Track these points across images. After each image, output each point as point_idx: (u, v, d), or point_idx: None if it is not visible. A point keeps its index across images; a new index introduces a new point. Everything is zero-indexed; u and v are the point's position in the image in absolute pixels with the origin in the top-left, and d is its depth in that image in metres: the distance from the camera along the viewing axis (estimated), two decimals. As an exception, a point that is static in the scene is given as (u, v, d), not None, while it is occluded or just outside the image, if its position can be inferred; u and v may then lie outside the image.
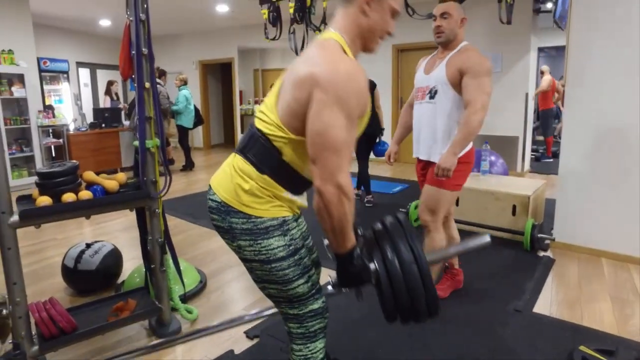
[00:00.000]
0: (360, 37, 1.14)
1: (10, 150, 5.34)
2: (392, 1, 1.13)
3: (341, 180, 0.98)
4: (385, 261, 1.13)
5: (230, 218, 1.13)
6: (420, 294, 1.11)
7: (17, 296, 1.65)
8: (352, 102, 1.00)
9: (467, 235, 3.38)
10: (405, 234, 1.17)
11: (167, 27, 8.30)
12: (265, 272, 1.15)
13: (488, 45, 5.85)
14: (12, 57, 5.31)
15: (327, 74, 1.00)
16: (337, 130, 0.99)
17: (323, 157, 0.99)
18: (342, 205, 0.99)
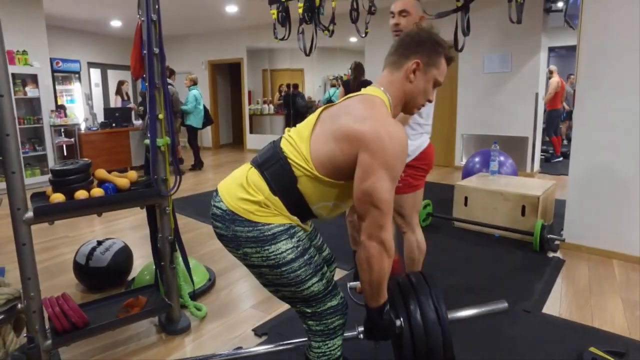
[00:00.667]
0: (403, 102, 1.23)
1: (23, 149, 5.43)
2: (436, 72, 1.21)
3: (384, 237, 1.06)
4: (410, 319, 1.19)
5: (234, 226, 1.14)
6: (439, 354, 1.16)
7: (32, 291, 1.68)
8: (398, 166, 1.07)
9: (477, 236, 3.37)
10: (430, 293, 1.23)
11: (176, 27, 8.37)
12: (277, 276, 1.16)
13: (497, 45, 5.82)
14: (26, 57, 5.40)
15: (376, 137, 1.06)
16: (384, 194, 1.06)
17: (370, 215, 1.06)
18: (383, 260, 1.06)
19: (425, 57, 1.19)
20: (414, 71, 1.19)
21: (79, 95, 8.06)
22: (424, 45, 1.20)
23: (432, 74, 1.21)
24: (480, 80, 6.02)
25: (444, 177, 5.77)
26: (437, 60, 1.21)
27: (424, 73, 1.20)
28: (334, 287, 1.23)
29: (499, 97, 5.90)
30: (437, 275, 2.64)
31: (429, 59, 1.20)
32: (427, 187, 5.18)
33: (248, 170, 1.19)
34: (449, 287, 2.52)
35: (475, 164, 4.20)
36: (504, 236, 3.31)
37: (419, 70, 1.19)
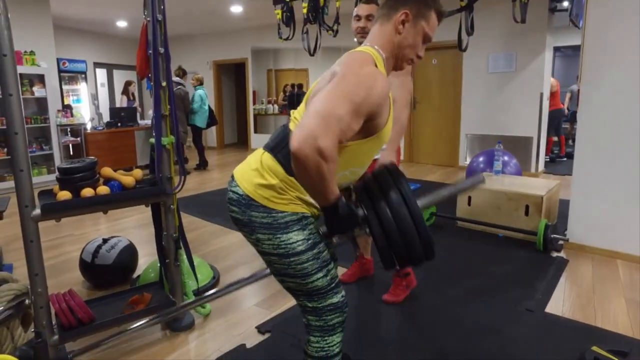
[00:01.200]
0: (394, 55, 1.22)
1: (30, 149, 5.49)
2: (425, 25, 1.19)
3: (322, 144, 0.93)
4: (375, 206, 1.13)
5: (250, 211, 1.16)
6: (413, 235, 1.11)
7: (39, 287, 1.71)
8: (361, 92, 1.03)
9: (480, 235, 3.37)
10: (393, 180, 1.17)
11: (182, 27, 8.42)
12: (284, 265, 1.17)
13: (502, 45, 5.80)
14: (33, 58, 5.46)
15: (349, 66, 1.08)
16: (336, 104, 0.98)
17: (310, 120, 0.95)
18: (320, 167, 0.95)
19: (415, 9, 1.18)
20: (403, 22, 1.18)
21: (85, 95, 8.13)
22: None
23: (421, 26, 1.19)
24: (485, 79, 6.01)
25: (448, 177, 5.76)
26: (427, 13, 1.19)
27: (413, 25, 1.18)
28: (337, 284, 1.24)
29: (503, 96, 5.88)
30: (440, 273, 2.67)
31: (418, 10, 1.19)
32: (431, 186, 5.23)
33: (262, 154, 1.20)
34: (451, 286, 2.53)
35: (480, 164, 4.20)
36: (507, 236, 3.31)
37: (407, 21, 1.18)
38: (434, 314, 2.22)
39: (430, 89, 6.68)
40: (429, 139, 6.83)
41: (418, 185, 5.26)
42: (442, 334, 2.03)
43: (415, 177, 5.89)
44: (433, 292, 2.46)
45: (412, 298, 2.36)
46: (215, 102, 9.15)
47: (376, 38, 1.22)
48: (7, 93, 1.56)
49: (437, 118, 6.69)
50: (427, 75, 6.66)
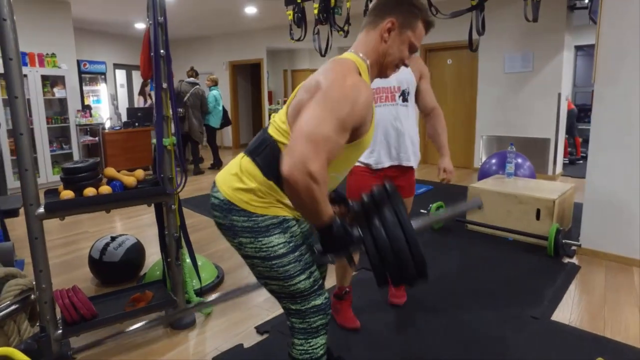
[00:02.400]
0: (378, 63, 1.22)
1: (51, 148, 5.67)
2: (411, 35, 1.20)
3: (313, 168, 0.95)
4: (370, 226, 1.14)
5: (231, 216, 1.17)
6: (407, 255, 1.12)
7: (43, 283, 1.76)
8: (346, 108, 1.03)
9: (490, 239, 3.31)
10: (390, 201, 1.17)
11: (198, 29, 8.54)
12: (267, 268, 1.18)
13: (518, 44, 5.68)
14: (54, 60, 5.63)
15: (331, 81, 1.07)
16: (322, 125, 1.00)
17: (298, 145, 0.97)
18: (311, 191, 0.97)
19: (401, 18, 1.19)
20: (389, 30, 1.18)
21: (104, 95, 8.33)
22: (401, 5, 1.19)
23: (407, 35, 1.19)
24: (501, 80, 5.89)
25: (461, 179, 5.67)
26: (414, 23, 1.20)
27: (398, 34, 1.19)
28: (320, 287, 1.24)
29: (520, 97, 5.75)
30: (446, 277, 2.63)
31: (404, 19, 1.19)
32: (441, 188, 5.16)
33: (241, 158, 1.22)
34: (456, 289, 2.49)
35: (492, 166, 4.11)
36: (517, 240, 3.23)
37: (393, 30, 1.18)
38: (435, 317, 2.19)
39: (445, 90, 6.59)
40: (443, 140, 6.74)
41: (430, 187, 5.20)
42: (442, 338, 2.00)
43: (427, 178, 5.82)
44: (437, 294, 2.42)
45: (414, 300, 2.33)
46: (231, 103, 9.24)
47: (361, 45, 1.22)
48: (12, 95, 1.61)
49: (452, 119, 6.58)
50: (442, 75, 6.57)
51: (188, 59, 9.05)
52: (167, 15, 1.86)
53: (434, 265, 2.88)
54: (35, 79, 5.35)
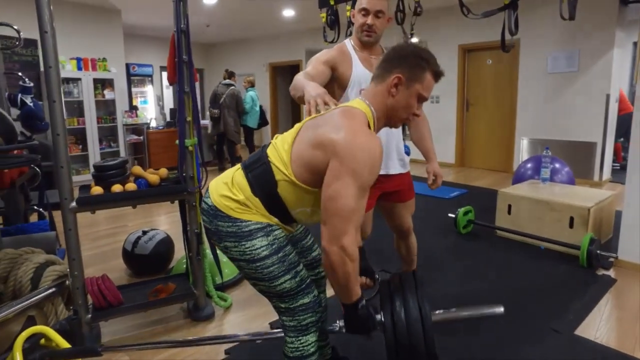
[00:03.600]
0: (386, 115, 1.27)
1: (100, 146, 6.08)
2: (419, 87, 1.23)
3: (345, 243, 1.07)
4: (393, 315, 1.21)
5: (217, 221, 1.23)
6: (422, 351, 1.18)
7: (75, 270, 1.93)
8: (365, 174, 1.10)
9: (520, 246, 3.18)
10: (416, 292, 1.24)
11: (239, 32, 8.81)
12: (252, 270, 1.23)
13: (563, 43, 5.39)
14: (105, 64, 6.04)
15: (346, 145, 1.10)
16: (347, 200, 1.08)
17: (332, 221, 1.09)
18: (345, 265, 1.09)
19: (407, 72, 1.21)
20: (396, 85, 1.22)
21: (151, 96, 8.80)
22: (407, 59, 1.22)
23: (414, 88, 1.22)
24: (544, 80, 5.62)
25: (497, 183, 5.47)
26: (421, 75, 1.22)
27: (406, 87, 1.22)
28: (308, 285, 1.28)
29: (564, 98, 5.46)
30: (467, 282, 2.57)
31: (411, 73, 1.21)
32: (472, 192, 5.00)
33: (235, 170, 1.29)
34: (477, 296, 2.43)
35: (527, 171, 3.95)
36: (549, 249, 3.09)
37: (400, 84, 1.22)
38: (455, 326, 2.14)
39: (484, 91, 6.39)
40: (481, 142, 6.53)
41: (464, 191, 5.07)
42: (454, 344, 1.97)
43: (463, 182, 5.67)
44: (455, 299, 2.37)
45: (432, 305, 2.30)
46: (271, 103, 9.45)
47: (370, 96, 1.27)
48: (52, 99, 1.77)
49: (491, 121, 6.37)
50: (482, 76, 6.37)
51: (230, 62, 9.37)
52: (209, 20, 1.97)
53: (456, 270, 2.83)
54: (88, 82, 5.77)
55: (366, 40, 1.80)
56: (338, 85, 1.83)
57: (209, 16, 7.16)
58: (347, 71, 1.82)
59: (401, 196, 1.97)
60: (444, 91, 6.74)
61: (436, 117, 6.95)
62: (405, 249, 2.17)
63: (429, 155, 1.94)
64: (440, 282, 2.63)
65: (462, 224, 3.48)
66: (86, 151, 5.91)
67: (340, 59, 1.82)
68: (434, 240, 3.40)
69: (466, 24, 6.10)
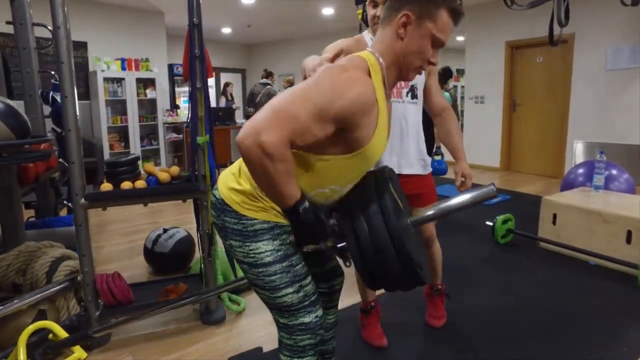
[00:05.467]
0: (396, 64, 1.09)
1: (142, 143, 6.30)
2: (433, 27, 1.04)
3: (264, 138, 0.89)
4: (352, 220, 1.04)
5: (224, 216, 1.13)
6: (391, 255, 1.00)
7: (86, 266, 1.92)
8: (327, 96, 0.95)
9: (566, 261, 2.86)
10: (375, 187, 1.06)
11: (280, 32, 8.83)
12: (254, 275, 1.12)
13: (625, 36, 4.87)
14: (147, 64, 6.25)
15: (329, 69, 1.00)
16: (293, 101, 0.94)
17: (258, 114, 0.93)
18: (265, 165, 0.91)
19: (418, 9, 1.03)
20: (404, 25, 1.04)
21: (194, 96, 9.03)
22: None
23: (426, 28, 1.04)
24: (602, 78, 5.12)
25: (545, 190, 5.05)
26: (434, 12, 1.03)
27: (416, 27, 1.04)
28: (312, 303, 1.14)
29: (625, 98, 4.94)
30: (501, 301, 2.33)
31: (422, 10, 1.03)
32: (516, 199, 4.64)
33: (242, 160, 1.18)
34: (510, 318, 2.19)
35: (578, 177, 3.57)
36: (600, 265, 2.75)
37: (409, 24, 1.04)
38: (475, 348, 1.94)
39: (533, 90, 5.94)
40: (529, 145, 6.08)
41: (507, 197, 4.71)
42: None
43: (508, 187, 5.29)
44: (484, 321, 2.15)
45: (455, 324, 2.09)
46: (308, 103, 9.40)
47: (377, 43, 1.10)
48: (63, 95, 1.77)
49: (541, 122, 5.92)
50: (531, 74, 5.93)
51: (271, 62, 9.42)
52: (250, 20, 1.91)
53: (490, 284, 2.58)
54: (131, 82, 5.99)
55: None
56: None
57: (249, 16, 7.23)
58: None
59: (421, 200, 1.78)
60: (489, 91, 6.36)
61: (480, 117, 6.59)
62: (428, 259, 1.98)
63: (458, 154, 1.76)
64: (471, 297, 2.40)
65: (501, 233, 3.20)
66: (128, 148, 6.13)
67: (356, 49, 1.68)
68: (468, 250, 3.15)
69: (514, 19, 5.72)
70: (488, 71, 6.31)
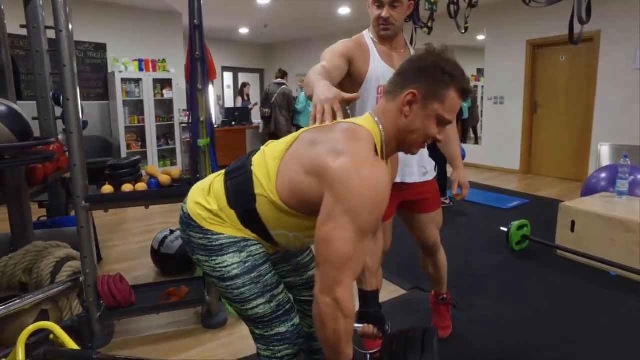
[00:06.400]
0: (396, 138, 1.05)
1: (158, 143, 6.38)
2: (439, 108, 1.00)
3: (338, 294, 0.92)
4: None
5: (189, 231, 1.12)
6: None
7: (87, 268, 1.93)
8: (365, 215, 0.91)
9: (585, 270, 2.72)
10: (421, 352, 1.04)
11: (297, 32, 8.82)
12: (223, 289, 1.10)
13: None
14: (164, 65, 6.32)
15: (345, 179, 0.91)
16: (342, 245, 0.92)
17: (325, 267, 0.94)
18: (337, 320, 0.93)
19: (425, 88, 0.99)
20: (409, 103, 1.00)
21: (212, 96, 9.10)
22: (425, 72, 0.99)
23: (432, 108, 1.00)
24: (629, 78, 4.89)
25: (566, 194, 4.86)
26: (442, 93, 0.99)
27: (422, 107, 1.00)
28: (287, 312, 1.11)
29: (655, 98, 4.70)
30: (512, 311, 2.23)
31: (428, 90, 0.99)
32: (534, 203, 4.48)
33: (216, 177, 1.16)
34: (522, 331, 2.09)
35: (600, 181, 3.41)
36: (622, 276, 2.61)
37: (415, 102, 1.00)
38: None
39: (555, 91, 5.73)
40: (551, 147, 5.87)
41: (525, 201, 4.56)
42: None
43: (526, 190, 5.12)
44: (493, 333, 2.06)
45: (462, 336, 2.01)
46: (324, 103, 9.35)
47: (380, 114, 1.05)
48: (65, 97, 1.77)
49: (563, 124, 5.70)
50: (553, 74, 5.72)
51: (288, 62, 9.42)
52: (267, 20, 1.89)
53: (502, 293, 2.48)
54: (148, 82, 6.07)
55: (384, 35, 1.60)
56: (353, 80, 1.64)
57: (265, 17, 7.23)
58: (364, 66, 1.62)
59: (424, 206, 1.72)
60: (509, 91, 6.18)
61: (500, 119, 6.41)
62: (432, 267, 1.91)
63: (455, 161, 1.68)
64: (480, 306, 2.31)
65: (516, 240, 3.08)
66: (145, 148, 6.23)
67: (358, 51, 1.63)
68: (480, 256, 3.05)
69: (535, 17, 5.53)
70: (508, 71, 6.12)
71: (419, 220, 1.74)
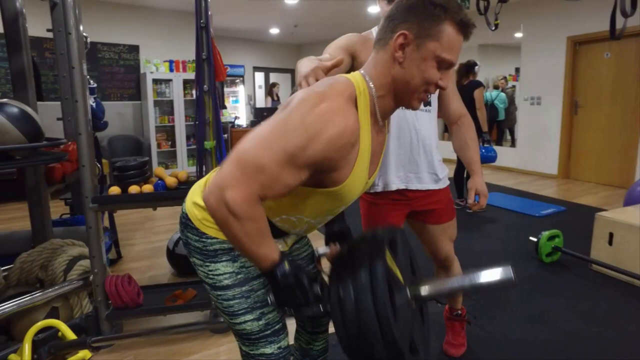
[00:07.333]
0: (393, 92, 0.92)
1: (187, 143, 6.50)
2: (436, 46, 0.87)
3: (228, 196, 0.79)
4: (339, 287, 0.90)
5: (186, 232, 1.06)
6: (374, 336, 0.85)
7: (96, 267, 1.95)
8: (299, 139, 0.81)
9: (622, 287, 2.50)
10: (369, 254, 0.90)
11: (326, 32, 8.74)
12: (214, 298, 1.05)
13: None
14: (194, 65, 6.42)
15: (302, 98, 0.85)
16: (253, 146, 0.82)
17: (223, 166, 0.83)
18: (230, 225, 0.81)
19: (416, 27, 0.87)
20: (401, 47, 0.88)
21: (242, 96, 9.23)
22: (415, 9, 0.87)
23: (428, 48, 0.87)
24: (684, 76, 4.48)
25: (608, 201, 4.51)
26: (436, 29, 0.86)
27: (416, 48, 0.87)
28: (275, 333, 1.03)
29: None
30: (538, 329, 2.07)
31: (421, 28, 0.87)
32: (571, 211, 4.20)
33: (213, 172, 1.10)
34: (547, 351, 1.92)
35: (644, 190, 3.13)
36: (665, 296, 2.37)
37: (408, 45, 0.88)
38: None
39: (598, 90, 5.35)
40: (593, 150, 5.49)
41: (562, 209, 4.27)
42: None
43: (563, 197, 4.81)
44: (518, 353, 1.91)
45: (482, 353, 1.88)
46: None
47: (369, 67, 0.94)
48: (74, 99, 1.80)
49: (607, 125, 5.31)
50: (597, 72, 5.34)
51: (316, 61, 9.34)
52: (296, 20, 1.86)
53: (528, 310, 2.30)
54: (178, 83, 6.20)
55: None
56: None
57: (295, 17, 7.22)
58: None
59: (435, 217, 1.60)
60: (547, 91, 5.85)
61: (536, 120, 6.08)
62: None
63: (472, 167, 1.55)
64: (501, 323, 2.16)
65: (546, 251, 2.87)
66: (174, 147, 6.36)
67: (362, 46, 1.53)
68: (506, 268, 2.86)
69: (578, 12, 5.20)
70: (546, 69, 5.78)
71: (430, 232, 1.63)
